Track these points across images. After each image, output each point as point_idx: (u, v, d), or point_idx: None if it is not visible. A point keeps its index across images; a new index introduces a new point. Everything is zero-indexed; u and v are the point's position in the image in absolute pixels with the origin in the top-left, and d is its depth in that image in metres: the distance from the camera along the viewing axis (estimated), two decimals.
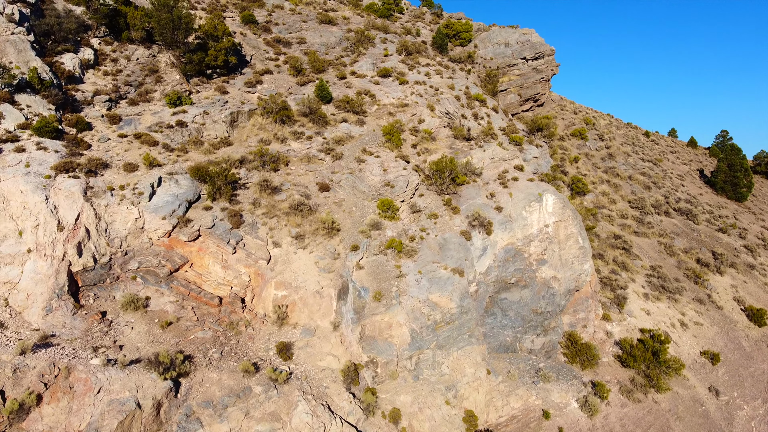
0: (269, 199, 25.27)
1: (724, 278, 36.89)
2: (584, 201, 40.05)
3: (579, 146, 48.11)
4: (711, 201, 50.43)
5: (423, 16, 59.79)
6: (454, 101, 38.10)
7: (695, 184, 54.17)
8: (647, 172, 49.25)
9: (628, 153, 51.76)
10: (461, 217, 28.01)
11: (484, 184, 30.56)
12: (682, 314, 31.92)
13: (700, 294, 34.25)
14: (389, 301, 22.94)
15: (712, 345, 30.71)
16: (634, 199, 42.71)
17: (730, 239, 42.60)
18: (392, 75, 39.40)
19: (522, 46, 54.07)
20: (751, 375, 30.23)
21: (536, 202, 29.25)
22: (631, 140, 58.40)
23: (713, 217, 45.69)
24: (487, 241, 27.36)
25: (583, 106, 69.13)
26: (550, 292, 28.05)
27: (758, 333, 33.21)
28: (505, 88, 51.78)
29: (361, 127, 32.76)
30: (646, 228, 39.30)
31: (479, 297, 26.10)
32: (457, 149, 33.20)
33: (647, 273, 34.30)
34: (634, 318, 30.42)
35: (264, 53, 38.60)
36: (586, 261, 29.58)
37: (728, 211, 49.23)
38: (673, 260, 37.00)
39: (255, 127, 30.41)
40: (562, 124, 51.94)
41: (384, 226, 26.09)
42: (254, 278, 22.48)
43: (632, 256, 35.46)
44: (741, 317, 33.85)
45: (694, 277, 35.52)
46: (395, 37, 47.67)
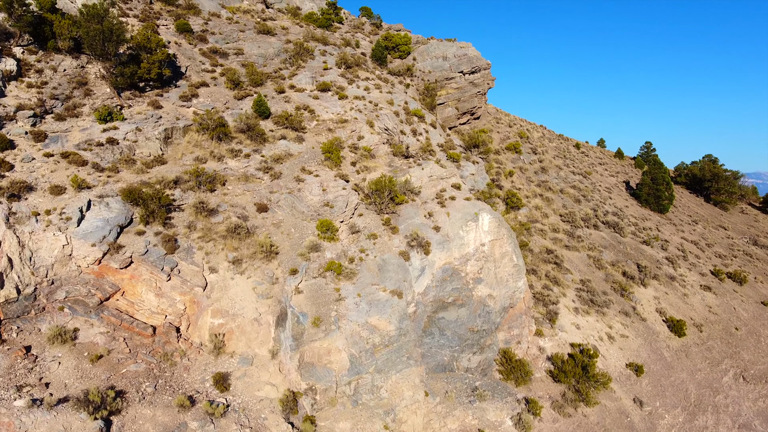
0: (205, 222, 24.76)
1: (647, 290, 38.83)
2: (518, 215, 41.25)
3: (514, 160, 49.50)
4: (636, 213, 52.96)
5: (362, 26, 59.97)
6: (394, 117, 38.44)
7: (622, 197, 56.75)
8: (577, 185, 51.21)
9: (560, 166, 53.66)
10: (400, 237, 28.32)
11: (423, 203, 30.99)
12: (609, 327, 33.39)
13: (625, 306, 35.94)
14: (328, 327, 22.94)
15: (636, 357, 32.27)
16: (566, 213, 44.34)
17: (653, 251, 44.88)
18: (332, 89, 39.36)
19: (459, 59, 55.11)
20: (671, 384, 31.99)
21: (473, 222, 29.92)
22: (562, 153, 60.56)
23: (638, 230, 48.02)
24: (426, 261, 27.78)
25: (518, 117, 71.14)
26: (486, 310, 28.77)
27: (678, 343, 35.16)
28: (443, 102, 52.66)
29: (300, 145, 32.58)
30: (576, 242, 40.88)
31: (417, 318, 26.48)
32: (396, 167, 33.52)
33: (577, 287, 35.69)
34: (565, 333, 31.60)
35: (200, 64, 37.74)
36: (520, 278, 30.51)
37: (652, 223, 51.85)
38: (602, 273, 38.65)
39: (190, 145, 29.71)
40: (498, 137, 53.29)
41: (323, 248, 26.06)
42: (190, 306, 21.98)
43: (563, 270, 36.80)
44: (663, 328, 35.74)
45: (621, 289, 37.23)
46: (335, 49, 47.61)
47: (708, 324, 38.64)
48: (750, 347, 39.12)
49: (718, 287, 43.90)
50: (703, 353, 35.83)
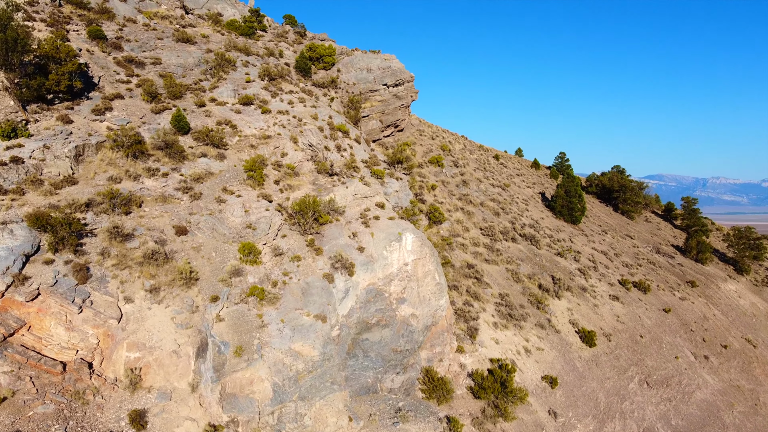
0: (120, 248, 23.74)
1: (561, 302, 40.69)
2: (441, 230, 42.13)
3: (436, 173, 50.51)
4: (551, 225, 55.36)
5: (286, 35, 59.32)
6: (318, 132, 38.31)
7: (538, 208, 59.16)
8: (497, 198, 52.92)
9: (480, 179, 55.25)
10: (324, 258, 28.27)
11: (347, 223, 31.07)
12: (526, 341, 34.73)
13: (541, 319, 37.51)
14: (251, 356, 22.58)
15: (551, 369, 33.75)
16: (486, 226, 45.72)
17: (566, 263, 47.07)
18: (254, 103, 38.71)
19: (383, 72, 55.65)
20: (583, 394, 33.69)
21: (396, 242, 30.31)
22: (482, 165, 62.38)
23: (553, 241, 50.22)
24: (350, 283, 27.87)
25: (441, 128, 72.64)
26: (409, 330, 29.21)
27: (589, 353, 37.07)
28: (368, 114, 53.00)
29: (222, 162, 31.85)
30: (495, 255, 42.23)
31: (341, 341, 26.52)
32: (321, 185, 33.42)
33: (497, 301, 36.89)
34: (485, 348, 32.59)
35: (114, 75, 36.10)
36: (442, 296, 31.19)
37: (565, 234, 54.36)
38: (519, 286, 40.13)
39: (104, 163, 28.37)
40: (421, 150, 54.20)
41: (245, 272, 25.63)
42: (103, 340, 21.01)
43: (483, 284, 37.93)
44: (575, 339, 37.56)
45: (537, 302, 38.81)
46: (258, 59, 46.84)
47: (616, 333, 40.98)
48: (653, 353, 41.82)
49: (625, 296, 46.64)
50: (612, 362, 37.96)
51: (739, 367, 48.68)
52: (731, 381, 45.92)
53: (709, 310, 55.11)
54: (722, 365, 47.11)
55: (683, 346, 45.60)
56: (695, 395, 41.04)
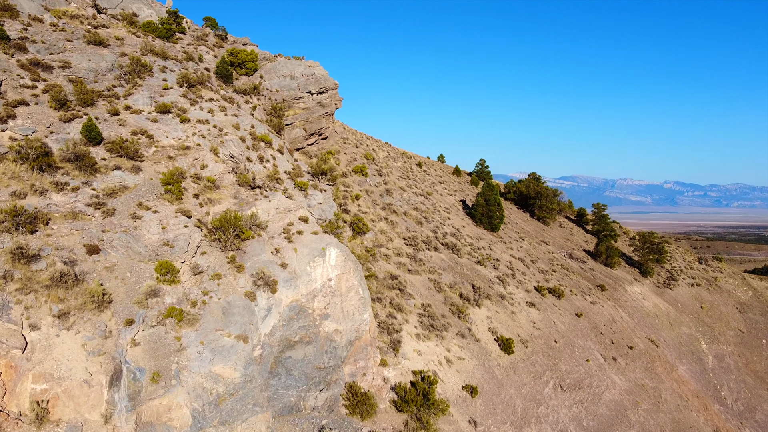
0: (25, 270, 22.31)
1: (481, 310, 41.90)
2: (365, 240, 42.34)
3: (360, 183, 50.71)
4: (472, 233, 56.90)
5: (206, 38, 57.75)
6: (240, 143, 37.54)
7: (459, 216, 60.65)
8: (419, 207, 53.79)
9: (404, 188, 55.98)
10: (246, 276, 27.76)
11: (270, 238, 30.65)
12: (447, 351, 35.52)
13: (462, 328, 38.47)
14: (168, 381, 21.85)
15: (471, 378, 34.69)
16: (409, 236, 46.37)
17: (486, 271, 48.52)
18: (172, 111, 37.43)
19: (307, 79, 55.31)
20: (501, 401, 34.85)
21: (320, 257, 30.21)
22: (406, 173, 63.22)
23: (473, 249, 51.62)
24: (272, 300, 27.52)
25: (365, 135, 72.99)
26: (332, 346, 29.18)
27: (507, 361, 38.39)
28: (291, 122, 52.48)
29: (137, 175, 30.58)
30: (418, 265, 42.92)
31: (264, 360, 26.13)
32: (243, 199, 32.78)
33: (419, 312, 37.50)
34: (408, 360, 33.06)
35: (18, 79, 33.87)
36: (366, 310, 31.37)
37: (485, 242, 56.02)
38: (441, 296, 40.98)
39: (6, 177, 26.55)
40: (345, 159, 54.26)
41: (163, 293, 24.76)
42: (6, 371, 19.67)
43: (407, 295, 38.45)
44: (494, 347, 38.79)
45: (458, 312, 39.77)
46: (176, 64, 45.32)
47: (532, 339, 42.66)
48: (566, 357, 43.84)
49: (540, 303, 48.64)
50: (528, 368, 39.48)
51: (643, 366, 51.90)
52: (636, 380, 48.88)
53: (617, 313, 58.42)
54: (628, 365, 50.06)
55: (594, 349, 48.10)
56: (604, 396, 43.38)
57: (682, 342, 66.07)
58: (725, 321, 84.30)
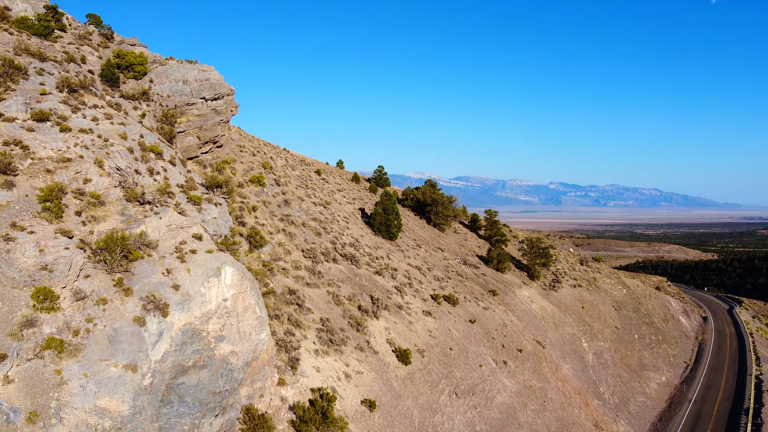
0: None
1: (379, 322, 42.46)
2: (262, 254, 41.58)
3: (258, 193, 49.75)
4: (370, 242, 57.51)
5: (90, 37, 54.21)
6: (127, 154, 35.61)
7: (358, 225, 61.09)
8: (318, 217, 53.62)
9: (302, 198, 55.57)
10: (135, 299, 26.38)
11: (161, 258, 29.31)
12: (346, 365, 35.68)
13: (361, 341, 38.78)
14: (47, 421, 20.35)
15: (370, 392, 35.07)
16: (308, 248, 46.09)
17: (384, 281, 49.23)
18: (51, 119, 34.77)
19: (201, 84, 53.51)
20: (399, 413, 35.51)
21: (215, 277, 29.33)
22: (304, 182, 62.78)
23: (372, 259, 52.20)
24: (164, 325, 26.34)
25: (263, 141, 71.67)
26: (228, 368, 28.41)
27: (405, 372, 39.17)
28: (184, 130, 50.48)
29: (10, 191, 28.13)
30: (317, 278, 42.77)
31: (155, 389, 24.96)
32: (131, 216, 31.09)
33: (318, 327, 37.37)
34: (307, 378, 32.86)
35: None
36: (263, 330, 30.82)
37: (383, 251, 56.83)
38: (340, 309, 41.09)
39: None
40: (242, 168, 53.01)
41: (41, 322, 22.98)
42: None
43: (305, 310, 38.19)
44: (392, 359, 39.44)
45: (357, 324, 40.06)
46: (55, 66, 42.16)
47: (429, 348, 43.82)
48: (461, 364, 45.43)
49: (436, 311, 50.07)
50: (425, 377, 40.51)
51: (531, 368, 54.86)
52: (525, 382, 51.58)
53: (507, 317, 61.34)
54: (518, 368, 52.73)
55: (486, 354, 50.20)
56: (496, 399, 45.40)
57: (565, 341, 70.58)
58: (603, 319, 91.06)
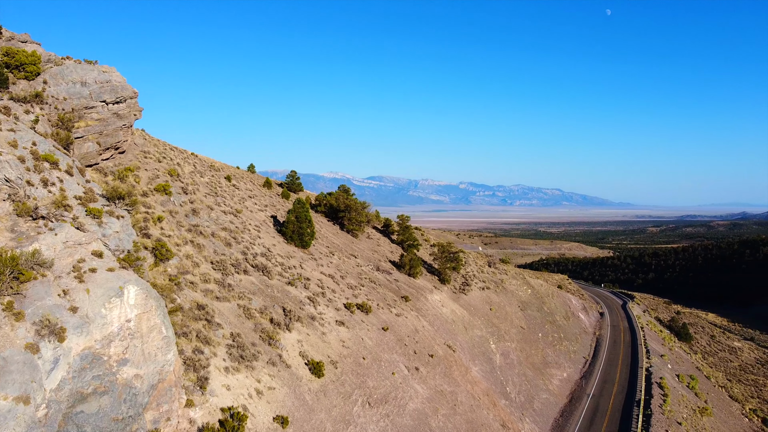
0: None
1: (292, 334, 42.03)
2: (168, 268, 40.04)
3: (164, 202, 47.84)
4: (283, 251, 56.78)
5: None
6: (18, 164, 33.21)
7: (270, 234, 60.14)
8: (228, 227, 52.33)
9: (212, 206, 54.02)
10: (27, 324, 24.62)
11: (57, 278, 27.54)
12: (258, 381, 35.05)
13: (273, 356, 38.22)
14: None
15: (282, 408, 34.65)
16: (217, 260, 44.86)
17: (297, 291, 48.79)
18: None
19: (102, 86, 50.82)
20: (312, 428, 35.31)
21: (117, 297, 27.95)
22: (214, 189, 61.02)
23: (284, 269, 51.58)
24: (60, 351, 24.79)
25: (170, 146, 68.93)
26: (132, 393, 27.15)
27: (318, 384, 39.01)
28: (83, 135, 47.66)
29: None
30: (227, 291, 41.73)
31: (50, 420, 23.43)
32: (22, 233, 29.01)
33: (228, 343, 36.46)
34: (217, 397, 31.99)
35: None
36: (169, 350, 29.69)
37: (296, 260, 56.29)
38: (251, 323, 40.30)
39: None
40: (146, 176, 50.78)
41: None
42: None
43: (215, 326, 37.15)
44: (305, 372, 39.16)
45: (269, 338, 39.45)
46: None
47: (342, 359, 43.88)
48: (374, 373, 45.83)
49: (349, 320, 50.23)
50: (338, 389, 40.54)
51: (442, 372, 56.24)
52: (436, 387, 52.81)
53: (419, 323, 62.53)
54: (429, 373, 53.89)
55: (399, 361, 50.94)
56: (408, 406, 46.18)
57: (474, 344, 72.89)
58: (510, 320, 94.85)
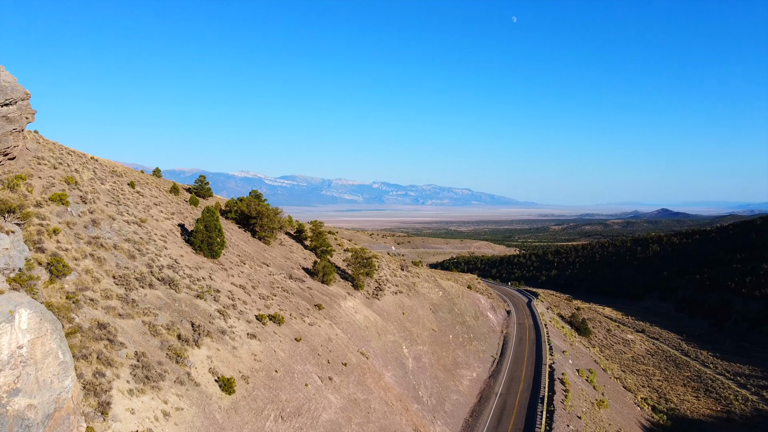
0: None
1: (201, 350, 40.78)
2: (66, 284, 37.72)
3: (60, 213, 44.99)
4: (191, 262, 54.92)
5: None
6: None
7: (177, 244, 57.98)
8: (132, 238, 50.02)
9: (113, 216, 51.42)
10: None
11: None
12: (165, 403, 33.74)
13: (181, 374, 36.92)
14: None
15: (191, 428, 33.55)
16: (120, 274, 42.76)
17: (206, 305, 47.39)
18: None
19: None
20: None
21: (7, 323, 25.99)
22: (116, 197, 58.04)
23: (192, 281, 49.93)
24: None
25: (67, 150, 64.86)
26: (25, 425, 25.37)
27: (229, 402, 38.10)
28: None
29: None
30: (131, 307, 39.88)
31: None
32: None
33: (132, 363, 34.85)
34: (120, 422, 30.49)
35: None
36: (67, 376, 28.01)
37: (205, 272, 54.64)
38: (157, 341, 38.73)
39: None
40: (41, 184, 47.56)
41: None
42: None
43: (117, 345, 35.40)
44: (215, 389, 38.13)
45: (176, 356, 38.07)
46: None
47: (254, 373, 43.10)
48: (287, 386, 45.36)
49: (261, 332, 49.41)
50: (250, 405, 39.79)
51: (356, 381, 56.53)
52: (350, 396, 53.02)
53: (333, 331, 62.51)
54: (343, 382, 54.00)
55: (312, 372, 50.70)
56: (322, 417, 46.07)
57: (388, 349, 73.76)
58: (422, 323, 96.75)
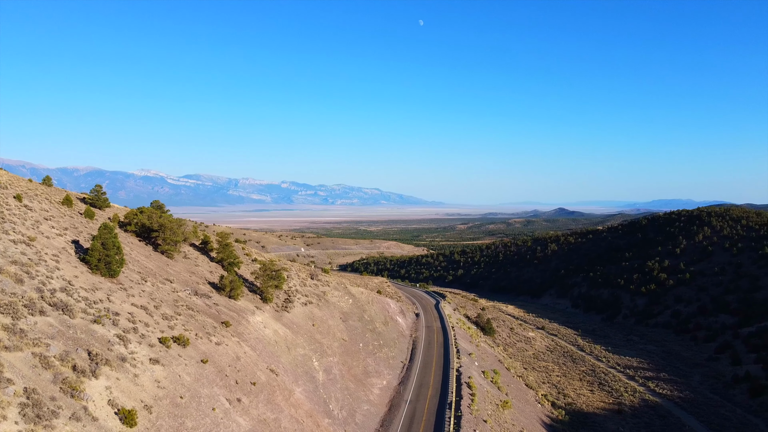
0: None
1: (99, 381, 38.50)
2: None
3: None
4: (87, 283, 51.70)
5: None
6: None
7: (71, 263, 54.39)
8: (20, 259, 46.46)
9: None
10: None
11: None
12: None
13: (77, 409, 34.67)
14: None
15: None
16: (6, 301, 39.56)
17: (104, 330, 44.81)
18: None
19: None
20: None
21: None
22: (0, 213, 53.69)
23: (89, 305, 47.06)
24: None
25: None
26: None
27: None
28: None
29: None
30: (19, 339, 36.98)
31: None
32: None
33: (21, 401, 32.29)
34: None
35: None
36: None
37: (103, 293, 51.64)
38: (50, 374, 36.15)
39: None
40: None
41: None
42: None
43: (4, 382, 32.68)
44: (115, 423, 36.13)
45: (71, 390, 35.70)
46: None
47: (157, 402, 41.25)
48: (193, 412, 43.80)
49: (165, 356, 47.40)
50: None
51: (265, 399, 55.55)
52: (259, 416, 52.01)
53: (241, 349, 61.06)
54: (252, 403, 52.90)
55: (219, 395, 49.25)
56: None
57: (297, 364, 72.97)
58: (332, 333, 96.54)
